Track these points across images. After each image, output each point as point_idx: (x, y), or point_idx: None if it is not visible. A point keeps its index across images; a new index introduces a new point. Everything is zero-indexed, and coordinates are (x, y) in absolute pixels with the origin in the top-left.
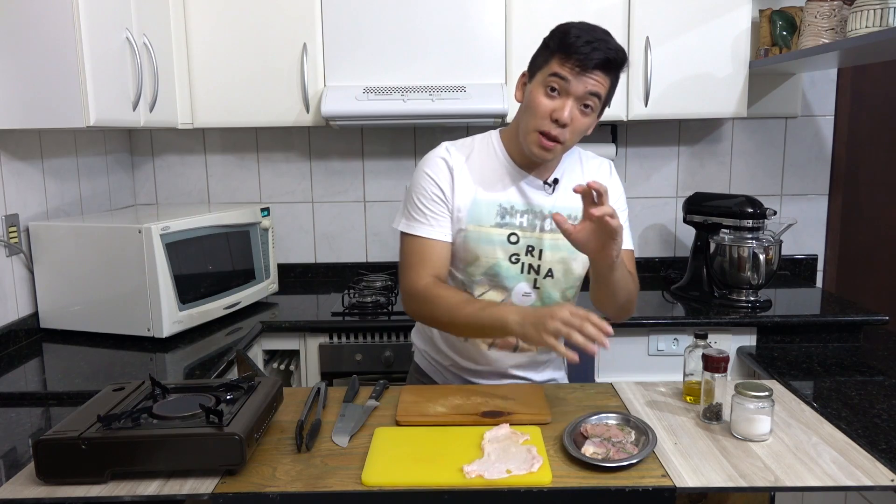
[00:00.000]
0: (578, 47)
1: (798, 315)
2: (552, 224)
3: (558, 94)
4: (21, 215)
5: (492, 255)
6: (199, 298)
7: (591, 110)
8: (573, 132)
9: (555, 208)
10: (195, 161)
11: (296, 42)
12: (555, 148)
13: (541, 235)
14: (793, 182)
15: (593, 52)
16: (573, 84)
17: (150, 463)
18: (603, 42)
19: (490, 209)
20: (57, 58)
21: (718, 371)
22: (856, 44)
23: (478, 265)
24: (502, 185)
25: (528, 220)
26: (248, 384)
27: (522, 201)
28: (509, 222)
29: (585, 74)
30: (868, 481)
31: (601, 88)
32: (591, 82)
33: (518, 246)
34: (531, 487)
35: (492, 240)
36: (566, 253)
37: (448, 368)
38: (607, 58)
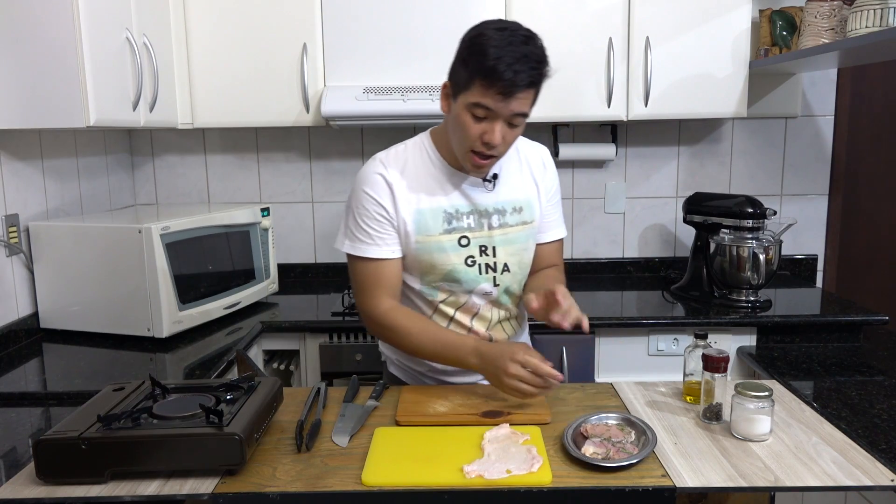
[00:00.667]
0: (501, 73)
1: (798, 315)
2: (500, 219)
3: (485, 118)
4: (21, 215)
5: (447, 262)
6: (199, 298)
7: (521, 122)
8: (507, 144)
9: (498, 203)
10: (195, 161)
11: (296, 42)
12: (490, 162)
13: (490, 233)
14: (793, 182)
15: (517, 77)
16: (499, 109)
17: (150, 463)
18: (524, 60)
19: (436, 217)
20: (57, 58)
21: (718, 371)
22: (856, 44)
23: (434, 273)
24: (443, 191)
25: (476, 220)
26: (248, 384)
27: (466, 203)
28: (457, 226)
29: (511, 99)
30: (868, 481)
31: (527, 104)
32: (516, 105)
33: (470, 248)
34: (531, 487)
35: (443, 247)
36: (518, 245)
37: (426, 374)
38: (531, 80)
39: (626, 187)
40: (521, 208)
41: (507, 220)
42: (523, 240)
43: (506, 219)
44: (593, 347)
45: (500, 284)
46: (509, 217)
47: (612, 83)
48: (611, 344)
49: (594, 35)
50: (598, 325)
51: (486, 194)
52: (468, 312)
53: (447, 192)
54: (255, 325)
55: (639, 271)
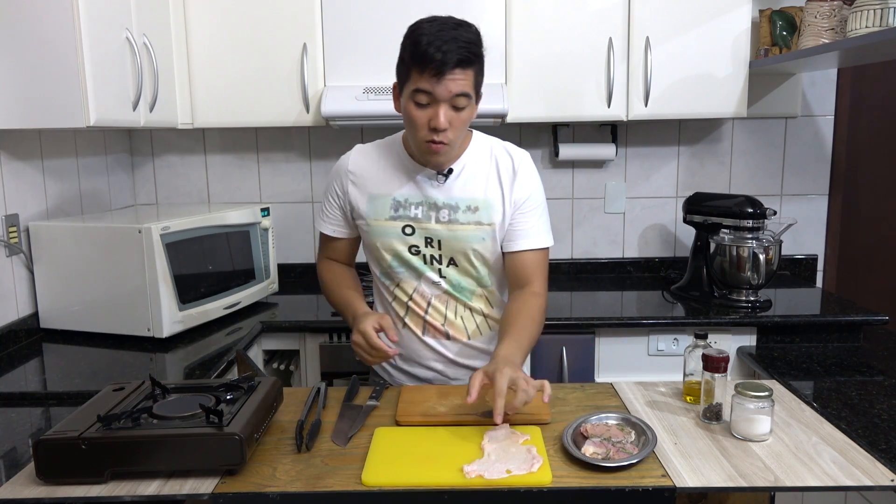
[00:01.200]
0: (431, 55)
1: (798, 315)
2: (449, 215)
3: (428, 103)
4: (21, 215)
5: (391, 247)
6: (199, 298)
7: (465, 104)
8: (455, 129)
9: (450, 199)
10: (195, 161)
11: (296, 42)
12: (442, 150)
13: (437, 226)
14: (793, 182)
15: (446, 57)
16: (437, 91)
17: (150, 463)
18: (452, 41)
19: (385, 203)
20: (57, 58)
21: (718, 371)
22: (856, 44)
23: (383, 256)
24: (398, 181)
25: (423, 212)
26: (248, 384)
27: (418, 194)
28: (403, 214)
29: (445, 79)
30: (868, 481)
31: (466, 85)
32: (452, 85)
33: (415, 237)
34: (531, 487)
35: (387, 232)
36: (466, 243)
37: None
38: (459, 58)
39: (626, 187)
40: (476, 208)
41: (457, 216)
42: (473, 239)
43: (456, 215)
44: (593, 347)
45: (446, 277)
46: (461, 214)
47: (612, 83)
48: (611, 344)
49: (594, 35)
50: (598, 325)
51: (437, 188)
52: (421, 302)
53: (402, 182)
54: (255, 325)
55: (639, 271)
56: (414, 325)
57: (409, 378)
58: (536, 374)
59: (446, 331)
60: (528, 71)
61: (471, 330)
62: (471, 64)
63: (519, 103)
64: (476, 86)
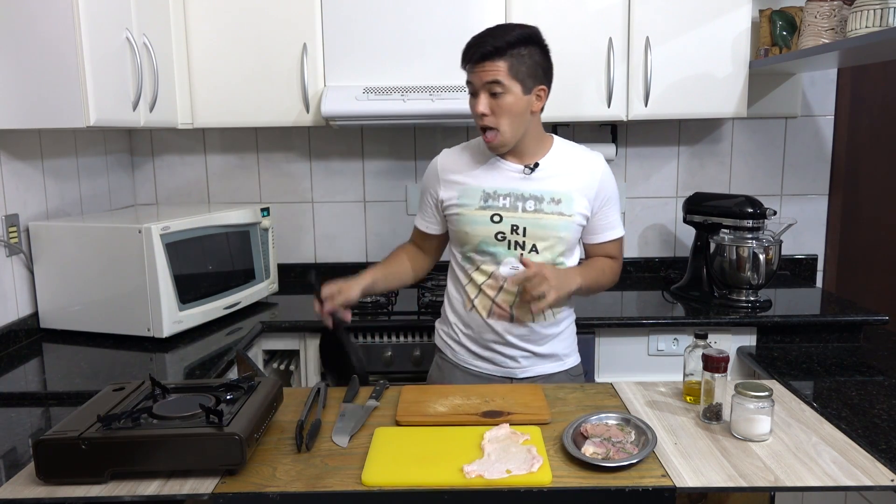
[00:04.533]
0: (466, 52)
1: (798, 315)
2: (535, 205)
3: (474, 93)
4: (21, 215)
5: (479, 234)
6: (199, 298)
7: (503, 92)
8: (500, 115)
9: (536, 191)
10: (195, 161)
11: (296, 42)
12: (494, 137)
13: (523, 215)
14: (793, 182)
15: (471, 51)
16: (474, 81)
17: (150, 463)
18: (485, 37)
19: (475, 194)
20: (57, 58)
21: (718, 371)
22: (856, 44)
23: (469, 243)
24: (487, 174)
25: (511, 202)
26: (248, 384)
27: (506, 186)
28: (492, 205)
29: (476, 70)
30: (868, 481)
31: (497, 73)
32: (483, 74)
33: (502, 225)
34: (531, 487)
35: (476, 220)
36: (549, 231)
37: (458, 340)
38: (483, 52)
39: (626, 187)
40: (559, 200)
41: (542, 207)
42: (557, 228)
43: (541, 206)
44: (593, 347)
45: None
46: (545, 205)
47: (612, 83)
48: (611, 344)
49: (594, 35)
50: (599, 325)
51: (524, 180)
52: (495, 285)
53: (491, 176)
54: (255, 325)
55: (639, 271)
56: (481, 308)
57: (470, 355)
58: None
59: (512, 313)
60: None
61: (536, 314)
62: (498, 55)
63: None
64: (515, 75)
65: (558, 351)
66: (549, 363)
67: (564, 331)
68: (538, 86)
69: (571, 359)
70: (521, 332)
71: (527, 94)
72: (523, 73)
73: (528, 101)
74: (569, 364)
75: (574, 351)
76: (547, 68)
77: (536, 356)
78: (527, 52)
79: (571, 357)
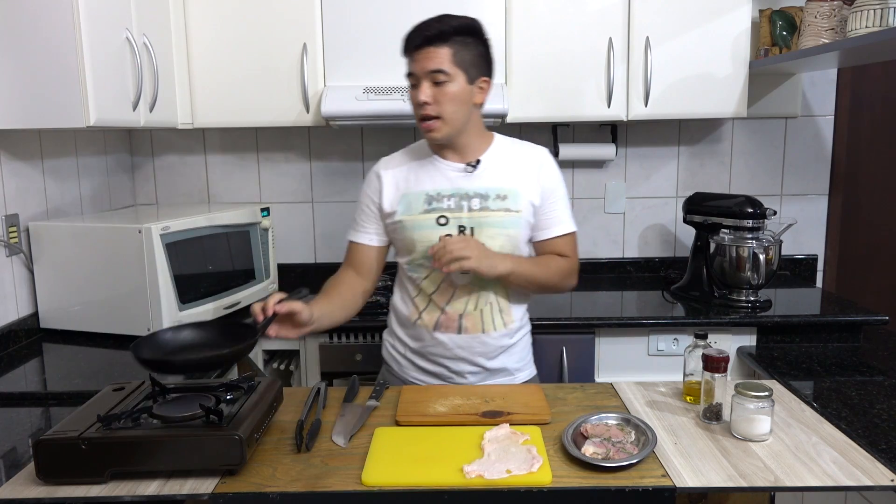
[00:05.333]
0: (405, 41)
1: (798, 315)
2: (480, 203)
3: (415, 84)
4: (21, 215)
5: (425, 239)
6: (199, 298)
7: (447, 80)
8: (442, 104)
9: (480, 188)
10: (195, 161)
11: (296, 42)
12: (435, 125)
13: (469, 214)
14: (793, 182)
15: (410, 38)
16: (416, 70)
17: (150, 463)
18: (428, 23)
19: (418, 199)
20: (57, 58)
21: (718, 371)
22: (856, 44)
23: (416, 250)
24: (429, 177)
25: (455, 202)
26: (248, 384)
27: (449, 186)
28: (436, 207)
29: (419, 57)
30: (868, 481)
31: (437, 61)
32: (426, 61)
33: (448, 227)
34: (531, 487)
35: (422, 225)
36: (498, 229)
37: (404, 354)
38: (424, 36)
39: (626, 187)
40: (505, 196)
41: (488, 204)
42: (505, 225)
43: (487, 203)
44: (593, 347)
45: None
46: (491, 202)
47: (612, 83)
48: (611, 344)
49: (594, 35)
50: (599, 325)
51: (467, 178)
52: (445, 293)
53: (432, 177)
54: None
55: (639, 271)
56: (428, 320)
57: (417, 370)
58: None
59: (460, 324)
60: (528, 71)
61: (486, 323)
62: (442, 41)
63: (519, 103)
64: (460, 63)
65: (509, 365)
66: (498, 378)
67: (517, 343)
68: (482, 77)
69: (524, 373)
70: (470, 344)
71: (470, 84)
72: (467, 61)
73: (471, 92)
74: (520, 379)
75: (527, 365)
76: (490, 61)
77: (486, 371)
78: (471, 40)
79: (524, 371)
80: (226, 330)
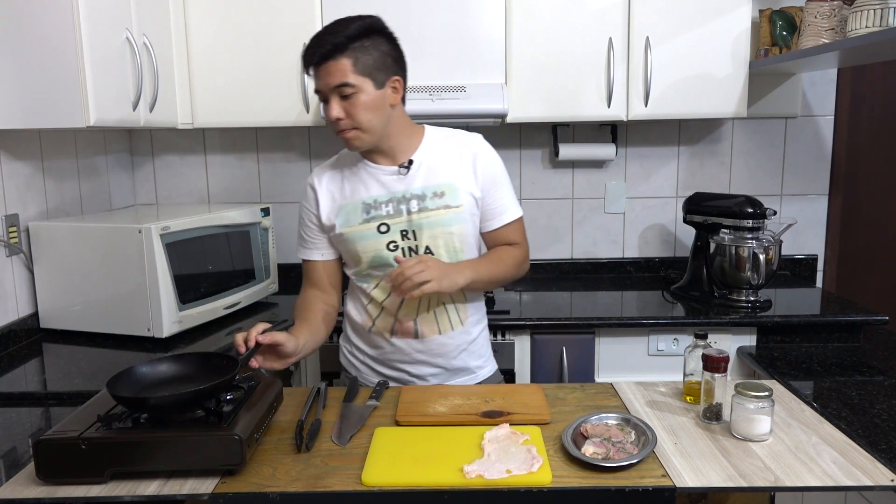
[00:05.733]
0: (305, 54)
1: (798, 315)
2: (419, 204)
3: (325, 99)
4: (21, 215)
5: (369, 249)
6: (199, 298)
7: (354, 92)
8: (356, 115)
9: (416, 189)
10: (195, 161)
11: (296, 42)
12: (354, 136)
13: (409, 218)
14: (793, 182)
15: (307, 55)
16: (322, 88)
17: (150, 463)
18: (322, 36)
19: (356, 210)
20: (57, 58)
21: (718, 371)
22: (856, 44)
23: (362, 262)
24: (363, 185)
25: (394, 208)
26: (248, 384)
27: (384, 192)
28: (375, 215)
29: (321, 74)
30: (868, 481)
31: (339, 75)
32: (328, 77)
33: (391, 234)
34: (531, 487)
35: (364, 235)
36: (441, 228)
37: (363, 361)
38: (323, 52)
39: (626, 187)
40: (442, 193)
41: (426, 204)
42: (446, 223)
43: (425, 203)
44: (593, 347)
45: None
46: (429, 202)
47: (612, 83)
48: (611, 344)
49: (594, 35)
50: (598, 325)
51: (402, 181)
52: (396, 300)
53: (367, 185)
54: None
55: (639, 271)
56: (383, 327)
57: (376, 375)
58: (537, 373)
59: (416, 329)
60: (528, 71)
61: (443, 324)
62: (339, 52)
63: (519, 103)
64: (363, 71)
65: (470, 363)
66: (460, 377)
67: (477, 339)
68: (391, 77)
69: (485, 370)
70: (429, 347)
71: (380, 89)
72: (370, 66)
73: (383, 96)
74: (481, 376)
75: (488, 361)
76: (397, 57)
77: (448, 371)
78: (370, 43)
79: (485, 368)
80: (205, 362)
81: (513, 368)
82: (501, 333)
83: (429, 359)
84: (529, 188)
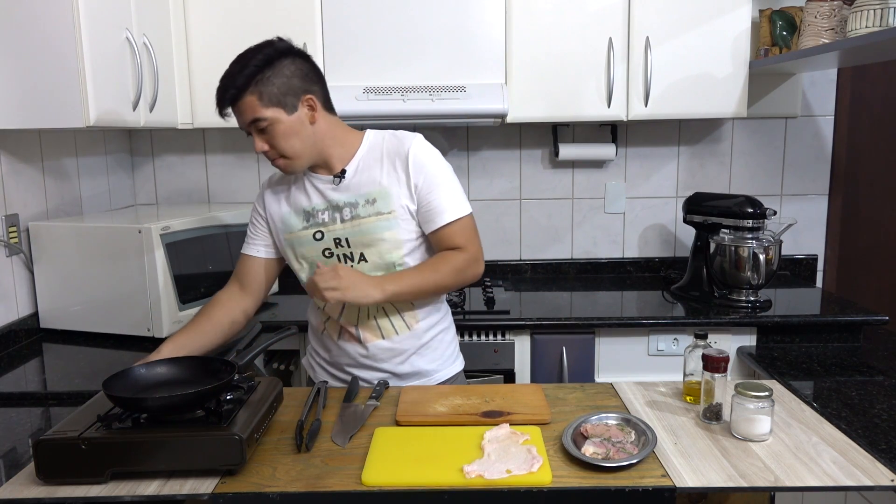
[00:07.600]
0: (217, 104)
1: (798, 315)
2: (351, 212)
3: (249, 134)
4: (21, 215)
5: (308, 255)
6: (199, 298)
7: (269, 124)
8: (278, 145)
9: (348, 198)
10: (195, 161)
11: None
12: (284, 164)
13: (342, 226)
14: (793, 182)
15: (218, 102)
16: (240, 125)
17: (150, 463)
18: (222, 83)
19: (297, 216)
20: (57, 58)
21: (718, 371)
22: (856, 44)
23: (303, 266)
24: (304, 193)
25: (329, 216)
26: (248, 384)
27: (322, 200)
28: (313, 222)
29: (235, 114)
30: (868, 481)
31: (249, 113)
32: (240, 117)
33: (325, 241)
34: (531, 487)
35: (303, 241)
36: (372, 235)
37: (318, 363)
38: (225, 98)
39: (626, 187)
40: (374, 200)
41: (358, 212)
42: (378, 230)
43: (357, 211)
44: (593, 347)
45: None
46: (361, 209)
47: (612, 83)
48: (611, 344)
49: (594, 35)
50: (599, 325)
51: (335, 191)
52: (337, 306)
53: (309, 193)
54: (255, 326)
55: (639, 271)
56: (331, 331)
57: (330, 378)
58: (537, 373)
59: (358, 334)
60: (528, 71)
61: (385, 329)
62: (241, 94)
63: (519, 103)
64: (269, 102)
65: (422, 367)
66: (412, 382)
67: (430, 343)
68: (302, 97)
69: (442, 372)
70: (373, 352)
71: (293, 113)
72: (276, 95)
73: (298, 118)
74: (438, 379)
75: (448, 363)
76: (305, 74)
77: (397, 376)
78: (271, 72)
79: (443, 370)
80: (202, 366)
81: (513, 368)
82: (501, 333)
83: (373, 363)
84: (529, 188)
